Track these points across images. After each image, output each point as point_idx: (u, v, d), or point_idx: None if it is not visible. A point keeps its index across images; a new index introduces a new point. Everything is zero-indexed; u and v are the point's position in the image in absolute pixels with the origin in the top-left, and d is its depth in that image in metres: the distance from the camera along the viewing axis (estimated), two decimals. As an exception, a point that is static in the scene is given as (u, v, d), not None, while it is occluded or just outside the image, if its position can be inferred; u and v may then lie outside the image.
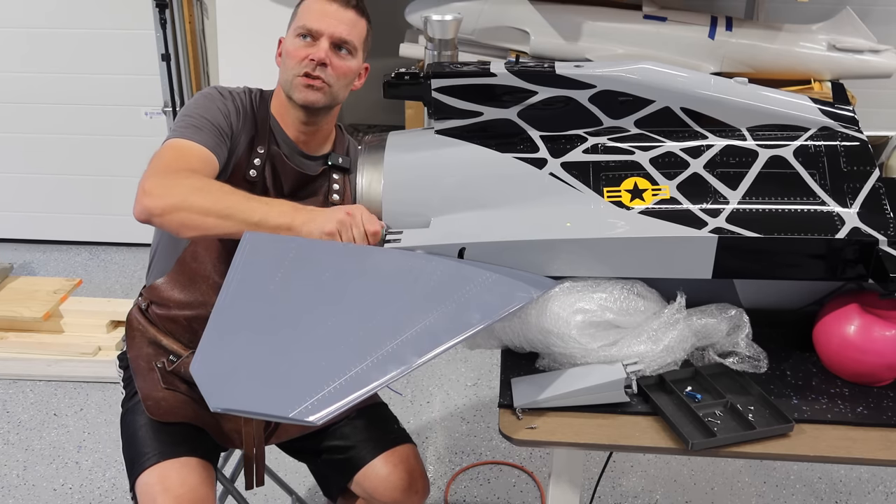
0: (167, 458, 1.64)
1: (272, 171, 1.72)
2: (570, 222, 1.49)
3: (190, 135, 1.61)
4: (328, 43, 1.67)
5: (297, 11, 1.73)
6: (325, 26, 1.67)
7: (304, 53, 1.67)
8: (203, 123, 1.63)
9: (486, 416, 2.83)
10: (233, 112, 1.70)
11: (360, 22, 1.72)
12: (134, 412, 1.74)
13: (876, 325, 1.45)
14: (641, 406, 1.42)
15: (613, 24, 3.04)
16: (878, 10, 3.50)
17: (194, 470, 1.65)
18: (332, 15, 1.68)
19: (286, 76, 1.71)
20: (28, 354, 3.05)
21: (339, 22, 1.68)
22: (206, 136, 1.62)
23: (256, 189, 1.69)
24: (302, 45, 1.68)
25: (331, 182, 1.77)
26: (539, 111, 1.58)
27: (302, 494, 2.41)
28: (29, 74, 3.67)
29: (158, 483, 1.61)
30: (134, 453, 1.68)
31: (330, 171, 1.78)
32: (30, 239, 3.97)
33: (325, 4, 1.69)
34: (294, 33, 1.70)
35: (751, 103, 1.57)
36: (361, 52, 1.74)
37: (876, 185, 1.49)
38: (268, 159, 1.71)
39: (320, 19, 1.68)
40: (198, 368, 1.26)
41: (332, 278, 1.42)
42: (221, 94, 1.72)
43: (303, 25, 1.68)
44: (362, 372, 1.23)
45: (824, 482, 2.53)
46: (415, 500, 1.80)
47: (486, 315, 1.35)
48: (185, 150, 1.59)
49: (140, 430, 1.70)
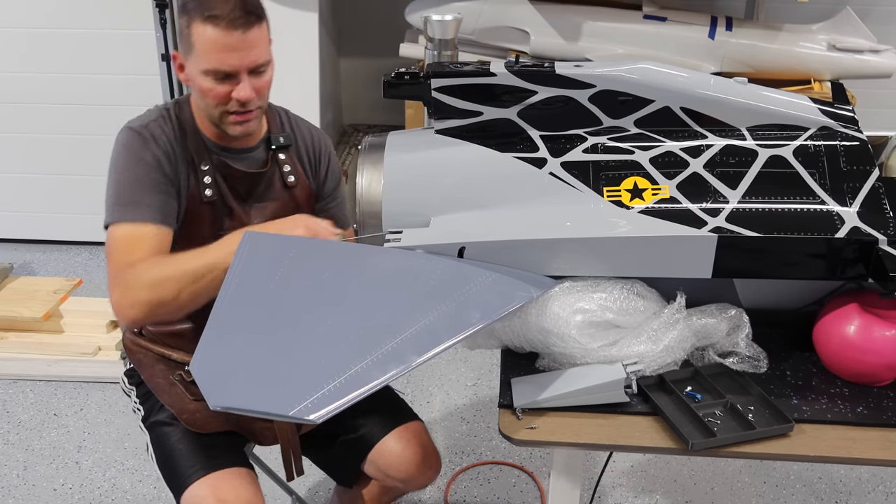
0: (215, 470, 1.65)
1: (225, 183, 1.69)
2: (569, 222, 1.49)
3: (130, 215, 1.57)
4: (246, 75, 1.57)
5: (191, 37, 1.55)
6: (237, 62, 1.54)
7: (223, 92, 1.57)
8: (137, 195, 1.58)
9: (486, 416, 2.83)
10: (161, 157, 1.62)
11: (262, 30, 1.58)
12: (162, 426, 1.74)
13: (876, 325, 1.45)
14: (641, 406, 1.42)
15: (613, 24, 3.04)
16: (878, 10, 3.50)
17: (245, 480, 1.67)
18: (238, 46, 1.53)
19: (209, 111, 1.62)
20: (28, 354, 3.05)
21: (248, 50, 1.55)
22: (145, 210, 1.58)
23: (218, 206, 1.68)
24: (217, 83, 1.57)
25: (280, 165, 1.74)
26: (539, 111, 1.58)
27: (302, 494, 2.41)
28: (28, 74, 3.67)
29: (211, 495, 1.62)
30: (176, 467, 1.68)
31: (276, 154, 1.74)
32: (30, 239, 3.97)
33: (226, 35, 1.52)
34: (199, 70, 1.56)
35: (751, 103, 1.57)
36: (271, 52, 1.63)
37: (876, 185, 1.49)
38: (216, 173, 1.67)
39: (229, 57, 1.54)
40: (197, 367, 1.26)
41: (332, 277, 1.42)
42: (144, 140, 1.61)
43: (213, 69, 1.55)
44: (362, 371, 1.23)
45: (824, 482, 2.53)
46: (429, 474, 1.83)
47: (485, 314, 1.35)
48: (131, 240, 1.56)
49: (179, 444, 1.70)
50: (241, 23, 1.52)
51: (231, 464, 1.68)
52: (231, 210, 1.70)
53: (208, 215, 1.67)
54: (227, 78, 1.57)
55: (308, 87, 3.22)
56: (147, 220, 1.58)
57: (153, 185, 1.59)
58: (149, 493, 2.48)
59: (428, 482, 1.86)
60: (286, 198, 1.75)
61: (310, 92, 3.23)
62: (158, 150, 1.61)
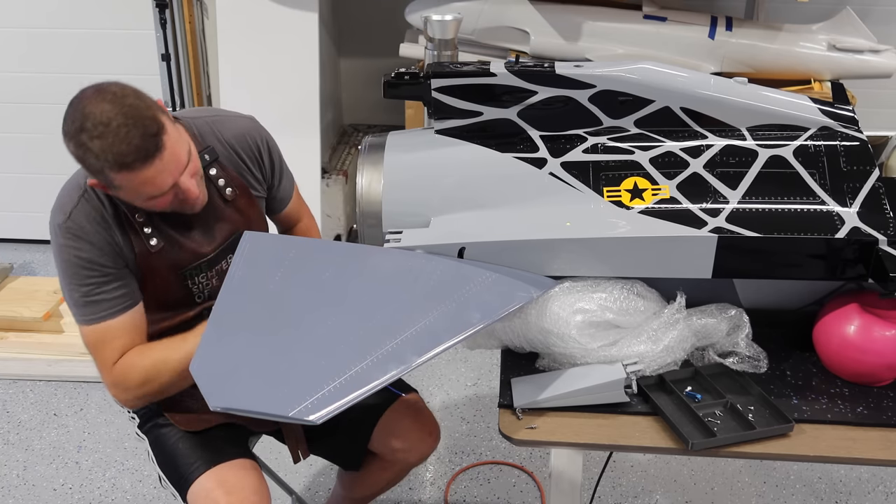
0: (219, 463, 1.67)
1: (166, 224, 1.61)
2: (569, 222, 1.49)
3: (91, 316, 1.56)
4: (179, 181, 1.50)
5: (114, 183, 1.47)
6: (167, 180, 1.47)
7: (167, 200, 1.51)
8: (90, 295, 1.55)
9: (486, 416, 2.83)
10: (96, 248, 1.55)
11: (170, 139, 1.46)
12: (160, 428, 1.75)
13: (876, 325, 1.45)
14: (641, 406, 1.43)
15: (613, 24, 3.04)
16: (878, 10, 3.49)
17: (250, 470, 1.68)
18: (162, 169, 1.45)
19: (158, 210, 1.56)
20: (28, 354, 3.04)
21: (172, 166, 1.46)
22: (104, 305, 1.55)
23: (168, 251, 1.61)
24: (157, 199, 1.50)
25: (214, 182, 1.66)
26: (539, 111, 1.58)
27: (302, 494, 2.42)
28: (29, 74, 3.66)
29: (218, 487, 1.63)
30: (180, 465, 1.69)
31: (206, 172, 1.64)
32: (30, 239, 3.96)
33: (146, 170, 1.43)
34: (138, 200, 1.50)
35: (751, 103, 1.57)
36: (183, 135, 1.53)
37: (876, 185, 1.49)
38: (154, 220, 1.60)
39: (157, 181, 1.46)
40: (197, 368, 1.26)
41: (332, 278, 1.42)
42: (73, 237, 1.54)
43: (144, 201, 1.50)
44: (362, 371, 1.23)
45: (824, 482, 2.53)
46: (429, 441, 1.88)
47: (486, 315, 1.35)
48: (102, 340, 1.57)
49: (179, 443, 1.72)
50: (154, 151, 1.43)
51: (234, 456, 1.69)
52: (182, 246, 1.63)
53: (163, 262, 1.62)
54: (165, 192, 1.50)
55: (308, 87, 3.21)
56: (109, 316, 1.56)
57: (101, 280, 1.55)
58: (149, 493, 2.48)
59: (429, 450, 1.90)
60: (230, 212, 1.68)
61: (310, 92, 3.22)
62: (89, 242, 1.55)
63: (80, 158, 1.47)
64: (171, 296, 1.65)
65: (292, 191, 1.87)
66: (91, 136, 1.42)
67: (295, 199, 1.89)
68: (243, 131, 1.73)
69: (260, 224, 1.76)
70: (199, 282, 1.68)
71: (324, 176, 3.45)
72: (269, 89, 3.16)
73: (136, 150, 1.41)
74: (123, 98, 1.44)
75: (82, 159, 1.47)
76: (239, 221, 1.70)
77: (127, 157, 1.41)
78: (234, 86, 3.22)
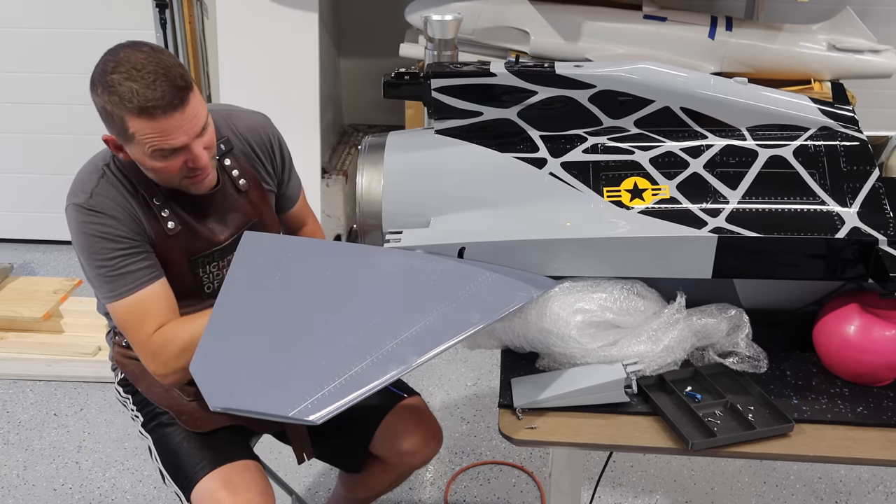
0: (224, 464, 1.67)
1: (182, 209, 1.65)
2: (569, 222, 1.49)
3: (121, 290, 1.57)
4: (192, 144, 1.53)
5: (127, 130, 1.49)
6: (184, 138, 1.50)
7: (177, 165, 1.54)
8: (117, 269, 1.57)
9: (486, 416, 2.83)
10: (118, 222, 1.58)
11: (194, 98, 1.52)
12: (164, 427, 1.75)
13: (876, 325, 1.45)
14: (641, 406, 1.42)
15: (613, 24, 3.04)
16: (878, 10, 3.49)
17: (254, 471, 1.69)
18: (180, 124, 1.49)
19: (165, 182, 1.59)
20: (28, 354, 3.05)
21: (190, 122, 1.50)
22: (132, 277, 1.57)
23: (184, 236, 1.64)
24: (168, 160, 1.53)
25: (229, 172, 1.70)
26: (539, 111, 1.58)
27: (302, 494, 2.42)
28: (28, 74, 3.66)
29: (223, 488, 1.63)
30: (184, 465, 1.69)
31: (221, 163, 1.69)
32: (30, 239, 3.97)
33: (166, 121, 1.47)
34: (147, 154, 1.51)
35: (751, 103, 1.57)
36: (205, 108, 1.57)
37: (876, 185, 1.49)
38: (171, 204, 1.64)
39: (174, 138, 1.49)
40: (197, 368, 1.26)
41: (332, 278, 1.42)
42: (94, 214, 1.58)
43: (158, 150, 1.50)
44: (362, 371, 1.23)
45: (824, 482, 2.53)
46: (432, 445, 1.88)
47: (486, 315, 1.35)
48: (137, 312, 1.58)
49: (183, 443, 1.72)
50: (177, 103, 1.47)
51: (238, 457, 1.70)
52: (196, 233, 1.67)
53: (178, 246, 1.65)
54: (176, 152, 1.53)
55: (308, 87, 3.21)
56: (139, 287, 1.58)
57: (126, 253, 1.58)
58: (149, 493, 2.48)
59: (432, 454, 1.90)
60: (244, 203, 1.72)
61: (310, 92, 3.22)
62: (112, 217, 1.58)
63: (104, 104, 1.49)
64: (182, 285, 1.66)
65: (300, 191, 1.91)
66: (122, 79, 1.46)
67: (301, 201, 1.92)
68: (257, 126, 1.78)
69: (271, 218, 1.78)
70: (210, 271, 1.70)
71: (324, 176, 3.45)
72: (269, 89, 3.16)
73: (161, 98, 1.46)
74: (159, 52, 1.51)
75: (106, 104, 1.49)
76: (251, 213, 1.73)
77: (150, 102, 1.45)
78: (234, 86, 3.22)
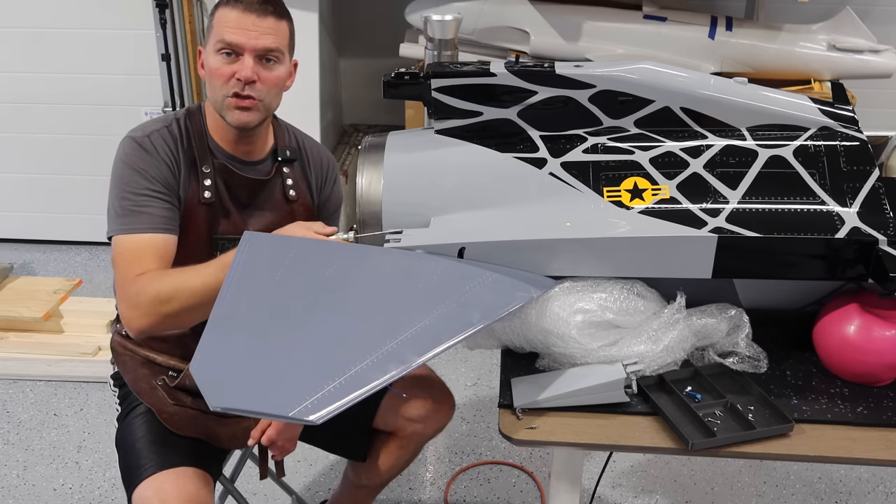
0: (163, 469, 1.62)
1: (225, 187, 1.69)
2: (569, 222, 1.49)
3: (132, 226, 1.58)
4: (252, 57, 1.59)
5: (213, 21, 1.62)
6: (246, 40, 1.58)
7: (228, 72, 1.59)
8: (138, 206, 1.59)
9: (486, 416, 2.83)
10: (162, 166, 1.63)
11: (280, 26, 1.63)
12: (131, 425, 1.73)
13: (876, 325, 1.45)
14: (641, 406, 1.42)
15: (613, 24, 3.04)
16: (878, 10, 3.49)
17: (191, 479, 1.63)
18: (251, 27, 1.58)
19: (214, 96, 1.64)
20: (28, 354, 3.05)
21: (260, 33, 1.59)
22: (147, 220, 1.59)
23: (215, 209, 1.68)
24: (225, 63, 1.60)
25: (284, 178, 1.75)
26: (539, 111, 1.58)
27: (302, 494, 2.42)
28: (29, 74, 3.66)
29: (155, 496, 1.59)
30: (130, 465, 1.67)
31: (281, 166, 1.75)
32: (30, 239, 3.97)
33: (242, 16, 1.58)
34: (214, 48, 1.60)
35: (751, 103, 1.57)
36: (288, 55, 1.67)
37: (876, 185, 1.49)
38: (217, 176, 1.68)
39: (240, 33, 1.58)
40: (197, 368, 1.25)
41: (332, 278, 1.42)
42: (144, 150, 1.62)
43: (222, 40, 1.59)
44: (362, 371, 1.23)
45: (824, 482, 2.53)
46: (445, 410, 1.86)
47: (486, 315, 1.35)
48: (135, 251, 1.57)
49: (138, 443, 1.69)
50: (258, 9, 1.59)
51: (182, 463, 1.64)
52: (228, 213, 1.69)
53: (204, 217, 1.67)
54: (234, 57, 1.60)
55: (308, 87, 3.21)
56: (149, 231, 1.59)
57: (154, 195, 1.60)
58: (149, 493, 2.48)
59: (445, 419, 1.87)
60: (286, 211, 1.75)
61: (310, 92, 3.22)
62: (159, 158, 1.62)
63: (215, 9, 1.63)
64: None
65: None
66: None
67: None
68: (322, 154, 1.85)
69: None
70: None
71: (324, 176, 3.45)
72: (269, 89, 3.16)
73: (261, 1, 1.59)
74: None
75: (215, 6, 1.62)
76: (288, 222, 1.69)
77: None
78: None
